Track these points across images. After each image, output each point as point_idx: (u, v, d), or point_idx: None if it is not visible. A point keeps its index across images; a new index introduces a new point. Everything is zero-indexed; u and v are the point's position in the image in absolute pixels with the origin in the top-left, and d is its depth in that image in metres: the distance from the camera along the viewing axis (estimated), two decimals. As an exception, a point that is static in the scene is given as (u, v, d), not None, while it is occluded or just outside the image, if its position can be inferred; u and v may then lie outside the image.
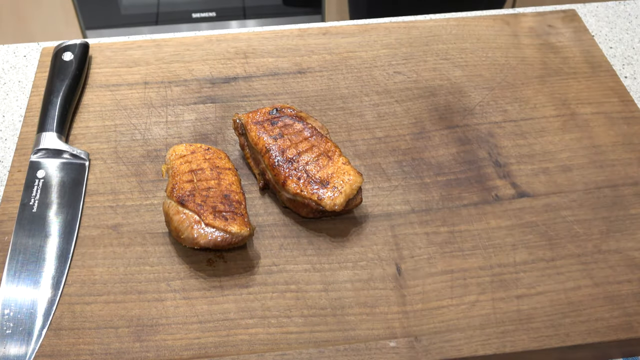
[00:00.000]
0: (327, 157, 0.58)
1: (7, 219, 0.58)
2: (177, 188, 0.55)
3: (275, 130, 0.59)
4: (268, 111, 0.61)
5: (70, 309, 0.53)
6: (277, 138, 0.59)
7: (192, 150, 0.59)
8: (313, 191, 0.56)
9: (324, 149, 0.58)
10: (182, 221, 0.54)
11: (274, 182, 0.58)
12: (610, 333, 0.52)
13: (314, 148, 0.58)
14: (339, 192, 0.56)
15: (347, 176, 0.56)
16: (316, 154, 0.58)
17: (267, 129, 0.59)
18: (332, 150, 0.58)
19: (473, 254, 0.56)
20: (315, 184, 0.56)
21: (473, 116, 0.67)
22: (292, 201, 0.57)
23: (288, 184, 0.56)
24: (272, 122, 0.60)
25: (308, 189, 0.56)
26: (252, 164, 0.61)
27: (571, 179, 0.62)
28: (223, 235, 0.53)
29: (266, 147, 0.58)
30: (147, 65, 0.72)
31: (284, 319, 0.52)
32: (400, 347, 0.51)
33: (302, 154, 0.58)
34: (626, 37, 0.78)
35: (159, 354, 0.50)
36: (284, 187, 0.57)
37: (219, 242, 0.53)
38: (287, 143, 0.58)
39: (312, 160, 0.57)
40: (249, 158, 0.61)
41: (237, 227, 0.53)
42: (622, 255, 0.56)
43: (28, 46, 0.76)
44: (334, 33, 0.75)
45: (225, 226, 0.53)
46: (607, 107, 0.68)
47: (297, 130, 0.59)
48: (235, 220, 0.54)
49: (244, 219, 0.54)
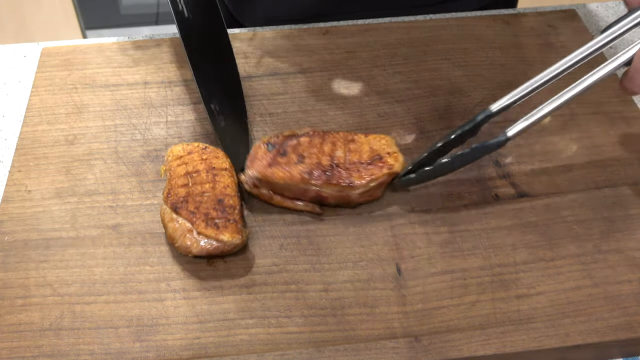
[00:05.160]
0: (350, 142, 0.59)
1: (7, 219, 0.58)
2: (172, 194, 0.56)
3: (292, 156, 0.57)
4: (264, 150, 0.58)
5: (70, 309, 0.53)
6: (301, 160, 0.57)
7: (189, 150, 0.59)
8: (378, 168, 0.57)
9: (342, 138, 0.59)
10: (175, 229, 0.54)
11: (338, 193, 0.57)
12: (610, 333, 0.52)
13: (335, 144, 0.58)
14: (393, 154, 0.58)
15: (382, 141, 0.59)
16: (342, 146, 0.58)
17: (286, 161, 0.57)
18: (345, 135, 0.59)
19: (473, 254, 0.56)
20: (371, 163, 0.57)
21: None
22: (362, 194, 0.57)
23: (355, 181, 0.56)
24: (280, 154, 0.58)
25: (372, 170, 0.57)
26: (291, 205, 0.58)
27: (571, 179, 0.62)
28: (214, 244, 0.53)
29: (305, 175, 0.56)
30: (147, 65, 0.72)
31: (284, 319, 0.52)
32: (400, 347, 0.51)
33: (333, 154, 0.58)
34: (626, 37, 0.78)
35: (159, 354, 0.50)
36: (352, 188, 0.56)
37: (211, 251, 0.53)
38: (314, 157, 0.57)
39: (346, 152, 0.58)
40: (282, 203, 0.58)
41: (229, 236, 0.53)
42: (622, 255, 0.56)
43: (28, 46, 0.76)
44: (334, 33, 0.75)
45: (217, 235, 0.53)
46: (607, 107, 0.68)
47: (305, 143, 0.58)
48: (227, 227, 0.54)
49: (236, 226, 0.54)
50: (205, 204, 0.55)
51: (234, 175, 0.58)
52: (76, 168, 0.62)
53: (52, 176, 0.61)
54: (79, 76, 0.70)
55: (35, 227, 0.58)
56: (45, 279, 0.54)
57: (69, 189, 0.60)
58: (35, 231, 0.57)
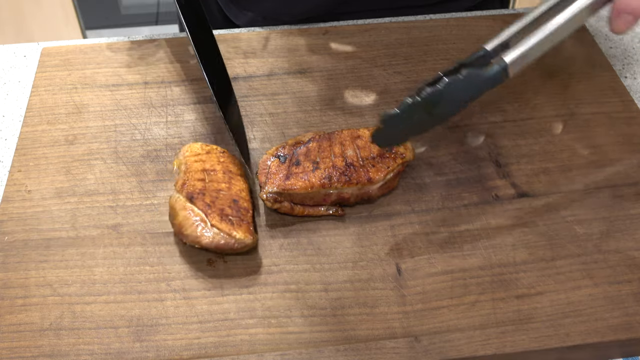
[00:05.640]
0: (357, 139, 0.59)
1: (7, 219, 0.58)
2: (188, 184, 0.56)
3: (306, 164, 0.57)
4: (277, 163, 0.57)
5: (70, 309, 0.53)
6: (317, 167, 0.57)
7: (207, 150, 0.59)
8: (392, 160, 0.57)
9: (348, 136, 0.59)
10: (187, 217, 0.54)
11: (358, 191, 0.57)
12: (610, 333, 0.52)
13: (344, 143, 0.58)
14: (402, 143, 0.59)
15: None
16: (351, 144, 0.58)
17: (301, 170, 0.57)
18: (350, 132, 0.59)
19: (473, 254, 0.56)
20: (383, 156, 0.58)
21: (473, 116, 0.67)
22: (381, 187, 0.58)
23: (373, 176, 0.57)
24: (294, 164, 0.57)
25: (387, 162, 0.57)
26: (314, 212, 0.58)
27: (571, 179, 0.62)
28: (227, 238, 0.53)
29: (324, 180, 0.56)
30: (147, 65, 0.72)
31: (284, 319, 0.52)
32: (400, 347, 0.51)
33: (345, 154, 0.58)
34: (626, 37, 0.78)
35: (159, 354, 0.50)
36: (372, 183, 0.57)
37: (221, 245, 0.53)
38: (327, 161, 0.57)
39: (356, 150, 0.58)
40: (304, 212, 0.58)
41: (242, 234, 0.53)
42: (622, 255, 0.56)
43: (28, 46, 0.76)
44: (333, 33, 0.75)
45: (230, 230, 0.53)
46: (607, 107, 0.68)
47: (315, 149, 0.58)
48: (241, 226, 0.54)
49: (249, 227, 0.54)
50: (221, 200, 0.55)
51: (247, 182, 0.58)
52: (76, 168, 0.62)
53: (52, 176, 0.61)
54: (79, 76, 0.70)
55: (35, 227, 0.58)
56: (45, 279, 0.54)
57: (69, 189, 0.60)
58: (35, 231, 0.57)
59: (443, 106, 0.52)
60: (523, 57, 0.51)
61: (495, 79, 0.50)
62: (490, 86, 0.51)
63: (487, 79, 0.50)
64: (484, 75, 0.50)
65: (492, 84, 0.51)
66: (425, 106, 0.52)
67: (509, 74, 0.51)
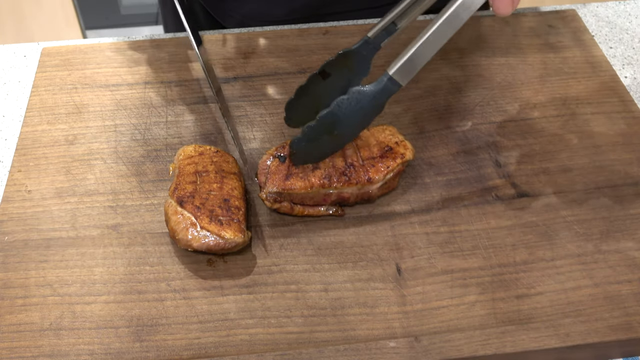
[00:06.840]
0: (356, 138, 0.59)
1: (7, 219, 0.58)
2: (179, 188, 0.56)
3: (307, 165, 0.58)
4: (277, 163, 0.57)
5: (70, 309, 0.53)
6: (317, 166, 0.57)
7: (200, 151, 0.59)
8: (392, 160, 0.58)
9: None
10: (178, 222, 0.54)
11: (358, 191, 0.57)
12: (610, 333, 0.52)
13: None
14: (401, 143, 0.59)
15: (387, 132, 0.60)
16: (350, 144, 0.58)
17: (301, 170, 0.57)
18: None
19: (473, 254, 0.56)
20: (383, 156, 0.58)
21: (473, 116, 0.67)
22: (381, 187, 0.58)
23: (372, 176, 0.57)
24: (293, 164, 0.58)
25: (387, 162, 0.57)
26: (314, 212, 0.58)
27: (571, 179, 0.62)
28: (216, 239, 0.53)
29: (324, 180, 0.56)
30: (147, 65, 0.72)
31: (284, 319, 0.52)
32: (400, 347, 0.51)
33: (345, 154, 0.58)
34: (626, 37, 0.78)
35: (159, 354, 0.50)
36: (372, 183, 0.57)
37: (212, 247, 0.53)
38: (327, 160, 0.57)
39: (356, 149, 0.58)
40: (304, 211, 0.58)
41: (231, 233, 0.53)
42: (622, 255, 0.56)
43: (28, 46, 0.76)
44: (334, 33, 0.75)
45: (219, 231, 0.53)
46: (607, 107, 0.68)
47: None
48: (231, 226, 0.54)
49: (239, 226, 0.54)
50: (211, 201, 0.55)
51: (242, 180, 0.58)
52: (76, 168, 0.62)
53: (52, 176, 0.61)
54: (79, 76, 0.70)
55: (35, 227, 0.58)
56: (45, 279, 0.54)
57: (69, 189, 0.60)
58: (35, 231, 0.57)
59: (343, 126, 0.54)
60: (408, 63, 0.52)
61: (384, 91, 0.52)
62: (385, 98, 0.52)
63: (374, 94, 0.52)
64: (369, 92, 0.52)
65: (385, 96, 0.52)
66: (325, 128, 0.54)
67: (398, 82, 0.52)
